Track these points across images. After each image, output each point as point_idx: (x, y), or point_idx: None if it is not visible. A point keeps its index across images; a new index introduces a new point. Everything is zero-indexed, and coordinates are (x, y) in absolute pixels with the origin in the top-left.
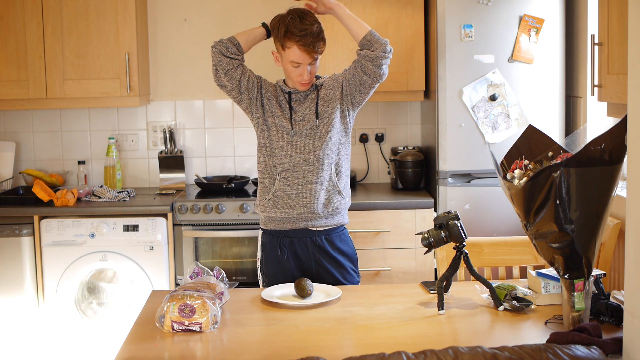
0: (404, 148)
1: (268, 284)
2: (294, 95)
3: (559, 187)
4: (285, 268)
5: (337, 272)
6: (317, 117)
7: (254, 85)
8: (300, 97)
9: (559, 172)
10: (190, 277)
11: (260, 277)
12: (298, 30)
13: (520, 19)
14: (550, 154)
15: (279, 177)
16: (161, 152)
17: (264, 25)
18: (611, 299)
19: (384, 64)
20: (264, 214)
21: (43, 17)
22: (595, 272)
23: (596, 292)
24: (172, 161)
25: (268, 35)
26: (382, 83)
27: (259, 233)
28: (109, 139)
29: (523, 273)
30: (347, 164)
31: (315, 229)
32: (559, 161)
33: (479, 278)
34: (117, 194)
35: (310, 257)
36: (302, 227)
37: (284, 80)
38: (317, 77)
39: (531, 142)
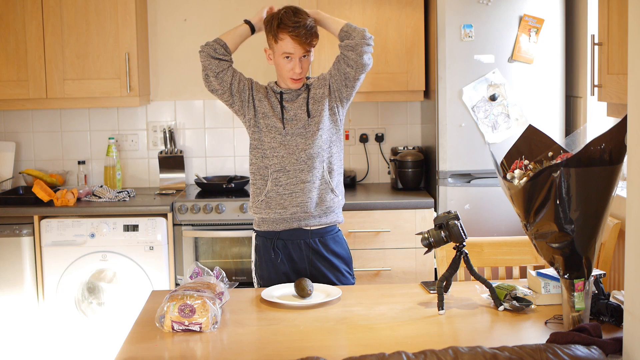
0: (404, 148)
1: (263, 286)
2: (286, 95)
3: (559, 187)
4: (279, 270)
5: (332, 274)
6: (308, 116)
7: (245, 88)
8: (292, 96)
9: (559, 172)
10: (190, 277)
11: (255, 280)
12: (292, 22)
13: (520, 19)
14: (550, 154)
15: (271, 177)
16: (161, 152)
17: (246, 22)
18: (611, 299)
19: (365, 52)
20: (257, 215)
21: (43, 17)
22: (595, 272)
23: (596, 292)
24: (172, 161)
25: (252, 31)
26: (382, 83)
27: (252, 235)
28: (109, 139)
29: (523, 273)
30: (340, 162)
31: (308, 228)
32: (559, 161)
33: (479, 278)
34: (117, 194)
35: (305, 259)
36: (296, 227)
37: (275, 82)
38: (307, 78)
39: (531, 142)
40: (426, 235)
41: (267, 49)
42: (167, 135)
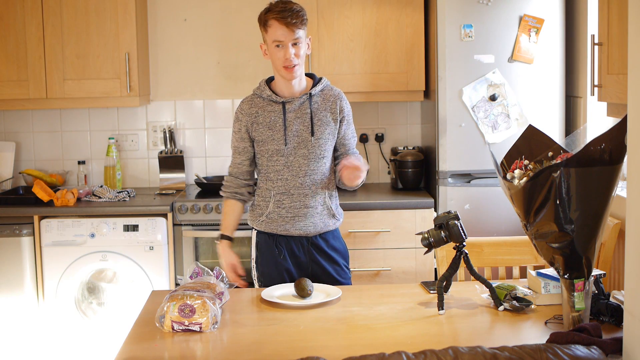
0: (404, 148)
1: (264, 283)
2: (288, 104)
3: (559, 187)
4: (280, 266)
5: (332, 269)
6: (312, 134)
7: (246, 138)
8: (294, 106)
9: (559, 172)
10: (190, 277)
11: (255, 277)
12: (278, 8)
13: (520, 19)
14: (550, 154)
15: (273, 199)
16: (161, 152)
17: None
18: (611, 299)
19: None
20: (257, 229)
21: (43, 17)
22: (595, 272)
23: (596, 292)
24: (172, 161)
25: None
26: (382, 83)
27: (253, 233)
28: (109, 139)
29: (523, 273)
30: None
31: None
32: (559, 161)
33: (479, 278)
34: (117, 194)
35: (307, 254)
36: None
37: (269, 87)
38: (314, 78)
39: (531, 142)
40: (426, 235)
41: (262, 44)
42: (167, 135)
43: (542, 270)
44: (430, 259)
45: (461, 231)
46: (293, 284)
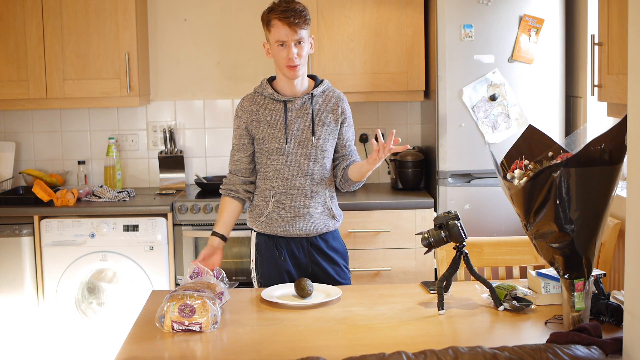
0: None
1: (263, 284)
2: (289, 103)
3: (559, 187)
4: (281, 268)
5: (332, 270)
6: (312, 134)
7: (245, 135)
8: (296, 105)
9: (559, 172)
10: (190, 277)
11: (255, 278)
12: (281, 8)
13: (520, 19)
14: (550, 154)
15: (273, 199)
16: (161, 152)
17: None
18: (611, 299)
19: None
20: (257, 230)
21: (43, 17)
22: (595, 272)
23: (596, 292)
24: (172, 161)
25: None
26: (382, 83)
27: (252, 234)
28: (109, 139)
29: (523, 273)
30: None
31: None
32: (559, 161)
33: (479, 278)
34: (117, 194)
35: (307, 255)
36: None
37: (271, 85)
38: (316, 80)
39: (531, 142)
40: (426, 235)
41: (265, 43)
42: (167, 135)
43: (542, 270)
44: (430, 259)
45: (461, 231)
46: (293, 284)
